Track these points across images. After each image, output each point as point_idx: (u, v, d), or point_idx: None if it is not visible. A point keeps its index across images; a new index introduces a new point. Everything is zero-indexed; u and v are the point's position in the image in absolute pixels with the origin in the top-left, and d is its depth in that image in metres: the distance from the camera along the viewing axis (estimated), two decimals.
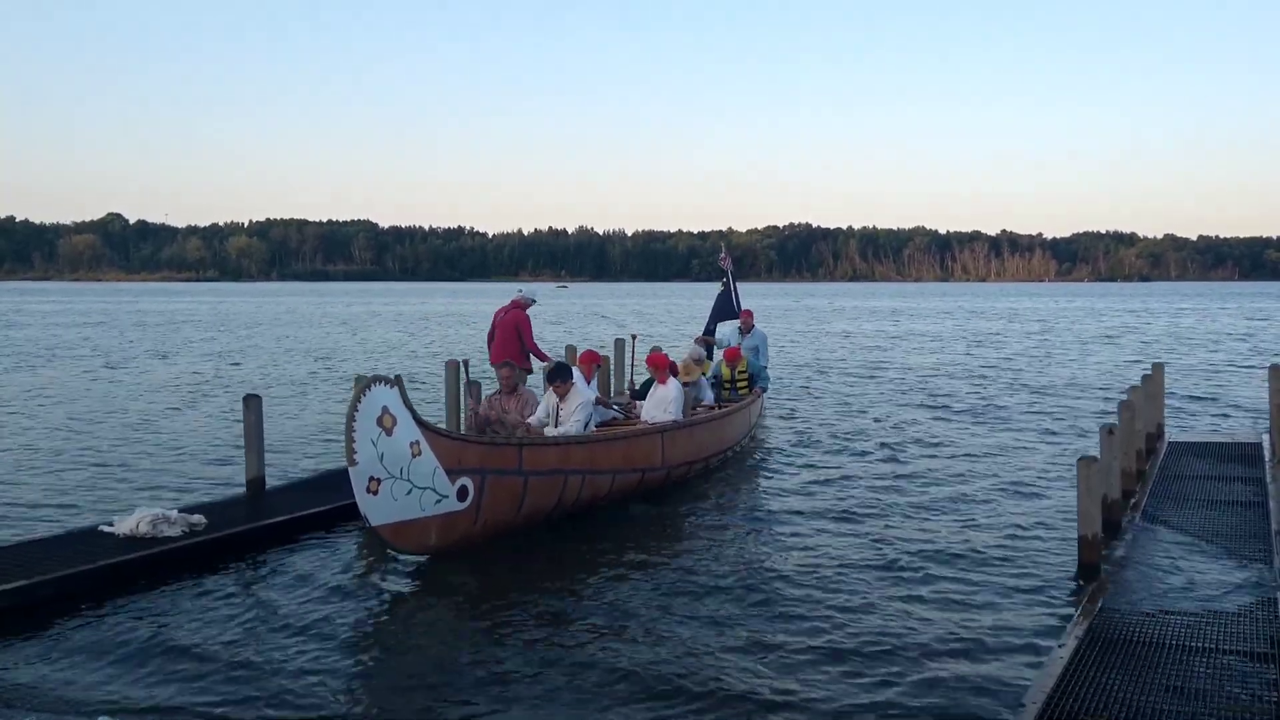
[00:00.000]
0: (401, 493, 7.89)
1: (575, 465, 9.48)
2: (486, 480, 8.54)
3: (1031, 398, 19.79)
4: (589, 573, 8.17)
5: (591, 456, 9.74)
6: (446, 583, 7.96)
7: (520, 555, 8.68)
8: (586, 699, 5.75)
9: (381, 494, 7.76)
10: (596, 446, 9.86)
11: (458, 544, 8.41)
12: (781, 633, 6.76)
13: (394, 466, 7.82)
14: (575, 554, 8.76)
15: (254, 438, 10.24)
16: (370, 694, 5.84)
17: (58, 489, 11.39)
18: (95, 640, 6.60)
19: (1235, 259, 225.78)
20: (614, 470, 10.03)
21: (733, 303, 16.94)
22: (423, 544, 8.21)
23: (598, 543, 9.07)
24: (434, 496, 8.13)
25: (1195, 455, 12.20)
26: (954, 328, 48.87)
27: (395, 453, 7.82)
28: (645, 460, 10.54)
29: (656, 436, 10.77)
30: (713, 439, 12.19)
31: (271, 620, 6.97)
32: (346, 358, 30.33)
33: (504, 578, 8.10)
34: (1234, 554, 8.21)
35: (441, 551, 8.34)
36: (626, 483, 10.25)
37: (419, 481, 8.01)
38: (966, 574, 8.06)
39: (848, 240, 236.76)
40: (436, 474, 8.13)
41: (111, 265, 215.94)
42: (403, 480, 7.88)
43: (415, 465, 7.96)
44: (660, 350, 12.69)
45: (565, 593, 7.67)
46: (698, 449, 11.70)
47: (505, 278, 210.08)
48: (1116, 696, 5.41)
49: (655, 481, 10.75)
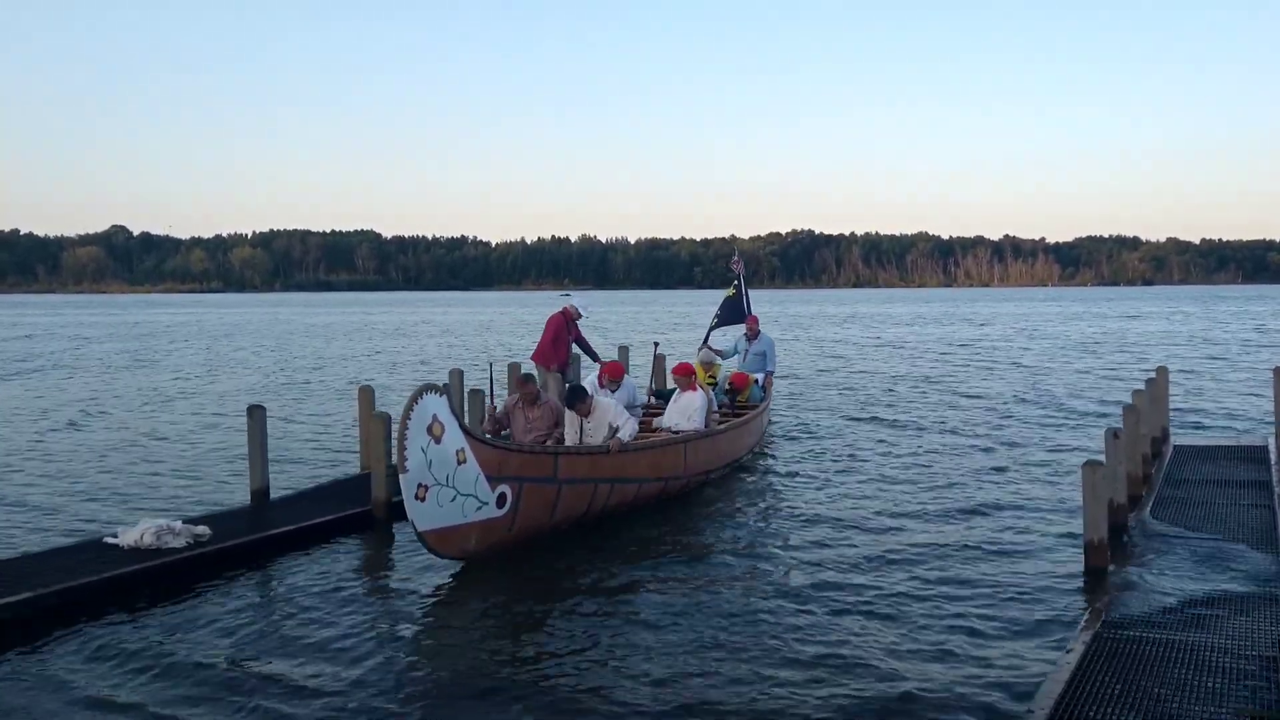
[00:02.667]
0: (446, 499, 8.10)
1: (605, 474, 9.74)
2: (524, 487, 8.74)
3: (1036, 402, 19.75)
4: (595, 571, 8.19)
5: (621, 465, 9.97)
6: (453, 593, 7.96)
7: (534, 554, 8.69)
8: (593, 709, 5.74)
9: (428, 500, 7.98)
10: (626, 456, 10.07)
11: (493, 549, 8.58)
12: (788, 637, 6.75)
13: (440, 474, 8.04)
14: (585, 553, 8.80)
15: (258, 448, 10.26)
16: (376, 705, 5.82)
17: (62, 500, 11.40)
18: (99, 653, 6.59)
19: (1238, 262, 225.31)
20: (640, 479, 10.31)
21: (742, 307, 17.00)
22: (463, 549, 8.38)
23: (610, 553, 9.07)
24: (475, 503, 8.34)
25: (1201, 459, 12.16)
26: (957, 333, 48.82)
27: (442, 460, 8.03)
28: (670, 469, 10.83)
29: (681, 446, 11.05)
30: (730, 447, 12.50)
31: (277, 632, 6.96)
32: (349, 367, 30.34)
33: (512, 587, 8.09)
34: (1241, 556, 8.18)
35: (478, 557, 8.48)
36: (651, 490, 10.51)
37: (463, 489, 8.21)
38: (973, 579, 8.03)
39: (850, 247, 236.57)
40: (479, 481, 8.33)
41: (115, 277, 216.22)
42: (448, 488, 8.10)
43: (460, 473, 8.17)
44: (686, 361, 13.16)
45: (566, 597, 7.65)
46: (717, 457, 11.99)
47: (508, 286, 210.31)
48: (1125, 700, 5.38)
49: (676, 489, 10.98)
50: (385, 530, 9.66)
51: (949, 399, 20.53)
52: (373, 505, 9.85)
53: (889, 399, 20.65)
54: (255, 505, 10.14)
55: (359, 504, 9.96)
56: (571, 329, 13.39)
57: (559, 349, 13.14)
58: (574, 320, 13.43)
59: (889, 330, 52.19)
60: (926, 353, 35.17)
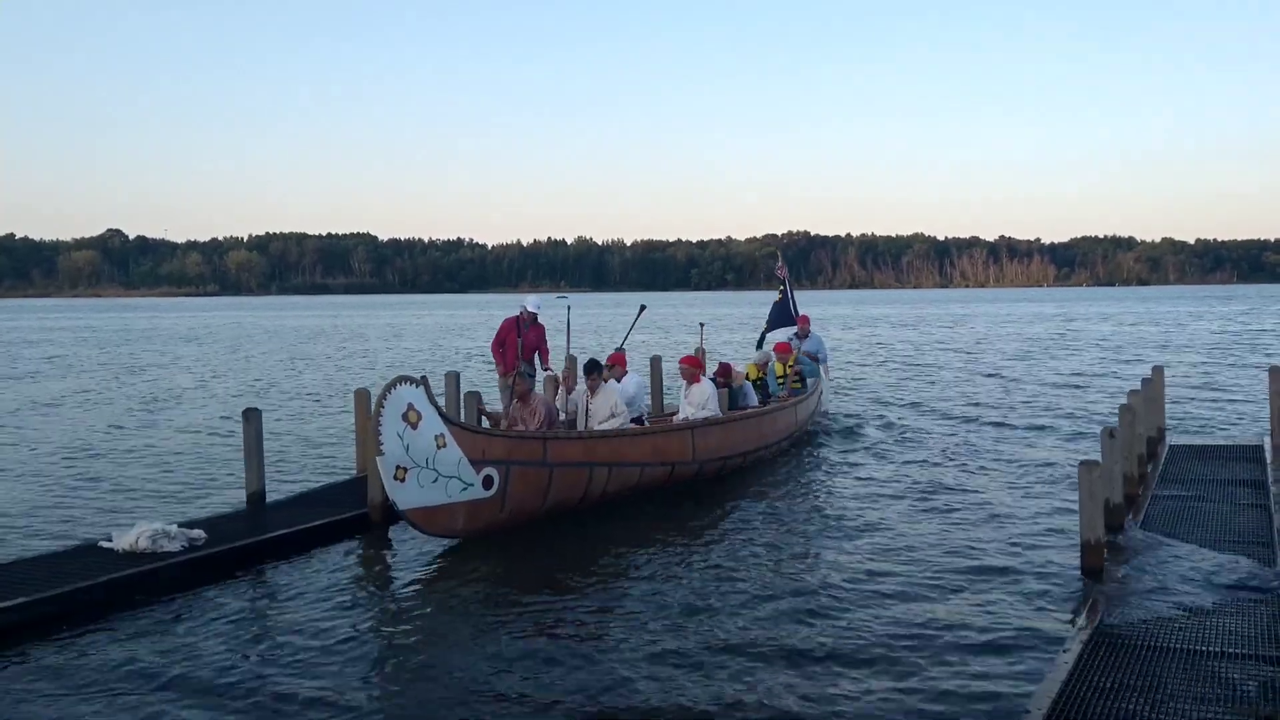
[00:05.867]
0: (428, 480, 8.53)
1: (601, 458, 9.92)
2: (512, 471, 9.05)
3: (1032, 402, 19.76)
4: (591, 572, 8.16)
5: (618, 450, 10.13)
6: (451, 596, 7.92)
7: (531, 557, 8.70)
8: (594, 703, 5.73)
9: (408, 481, 8.44)
10: (623, 440, 10.27)
11: (485, 530, 8.96)
12: (782, 636, 6.74)
13: (420, 457, 8.47)
14: (581, 555, 8.82)
15: (254, 451, 10.23)
16: (372, 710, 5.80)
17: (56, 504, 11.37)
18: (94, 658, 6.56)
19: (1233, 262, 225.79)
20: (642, 463, 10.43)
21: (789, 309, 17.61)
22: (451, 528, 8.80)
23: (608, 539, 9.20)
24: (460, 485, 8.73)
25: (1196, 458, 12.18)
26: (953, 334, 48.86)
27: (420, 445, 8.46)
28: (676, 454, 10.94)
29: (687, 432, 11.15)
30: (750, 436, 12.49)
31: (273, 635, 6.94)
32: (347, 370, 30.30)
33: (511, 590, 8.07)
34: (1237, 556, 8.18)
35: (470, 536, 8.91)
36: (655, 476, 10.62)
37: (445, 470, 8.62)
38: (969, 579, 8.03)
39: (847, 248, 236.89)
40: (461, 464, 8.72)
41: (111, 281, 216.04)
42: (428, 469, 8.52)
43: (440, 455, 8.58)
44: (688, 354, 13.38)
45: (562, 599, 7.63)
46: (733, 445, 11.98)
47: (505, 289, 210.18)
48: (1121, 700, 5.38)
49: (686, 475, 11.06)
50: (382, 533, 9.64)
51: (946, 399, 20.53)
52: (369, 508, 9.83)
53: (884, 398, 20.64)
54: (251, 508, 10.12)
55: (355, 507, 9.94)
56: (527, 331, 13.15)
57: (508, 352, 12.99)
58: (529, 323, 13.19)
59: (886, 331, 52.20)
60: (922, 354, 35.20)
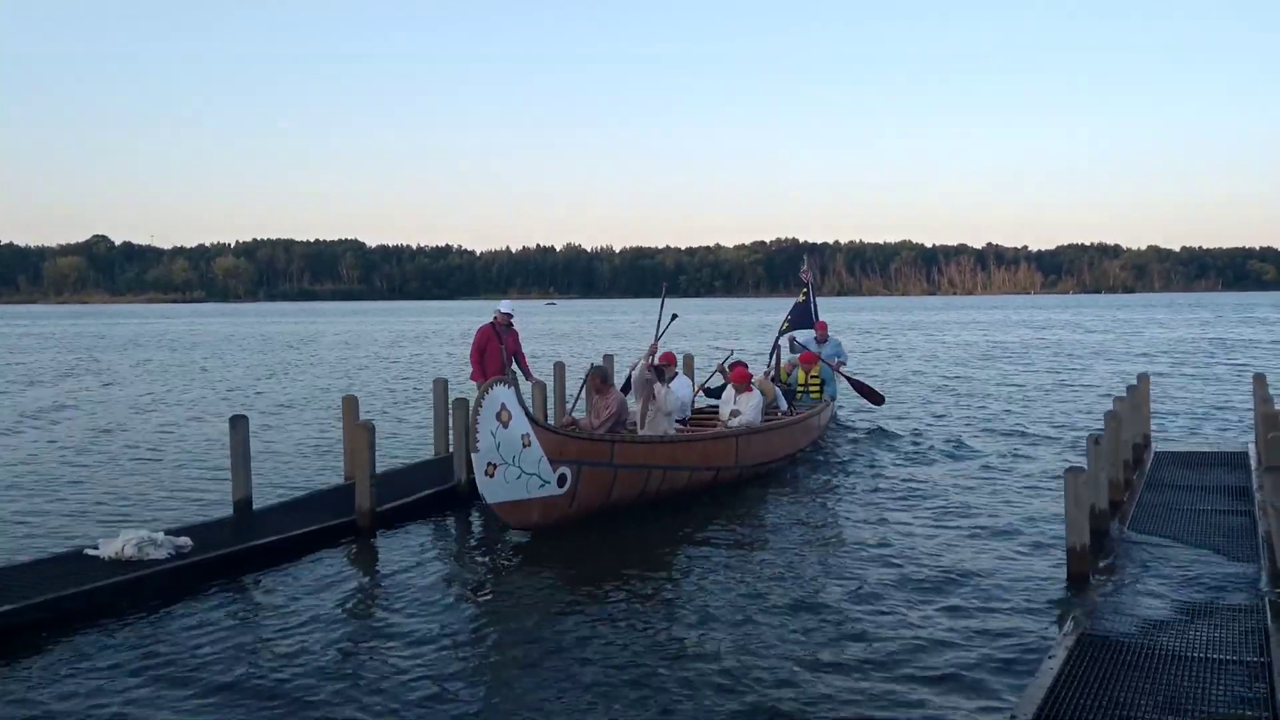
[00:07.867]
0: (513, 477, 9.27)
1: (659, 461, 10.70)
2: (582, 470, 9.76)
3: (1019, 410, 19.84)
4: (591, 578, 8.20)
5: (674, 454, 10.97)
6: (440, 601, 7.89)
7: (529, 561, 8.67)
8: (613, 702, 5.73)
9: (497, 477, 9.20)
10: (678, 445, 11.16)
11: (555, 524, 9.61)
12: (769, 640, 6.75)
13: (508, 454, 9.22)
14: (581, 559, 9.03)
15: (241, 458, 10.18)
16: (362, 716, 5.79)
17: (41, 512, 11.30)
18: (79, 666, 6.53)
19: (1219, 270, 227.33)
20: (692, 467, 11.22)
21: (811, 313, 17.96)
22: (527, 522, 9.54)
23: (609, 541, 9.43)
24: (539, 481, 9.43)
25: (1182, 464, 12.25)
26: (933, 341, 49.03)
27: (509, 442, 9.22)
28: (721, 459, 11.73)
29: (732, 439, 11.95)
30: (783, 443, 13.34)
31: (260, 642, 6.91)
32: (334, 377, 30.21)
33: (510, 587, 8.07)
34: (1222, 562, 8.24)
35: (542, 529, 9.58)
36: (703, 478, 11.40)
37: (527, 468, 9.34)
38: (955, 586, 8.06)
39: (835, 255, 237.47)
40: (542, 462, 9.43)
41: (97, 288, 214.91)
42: (514, 466, 9.26)
43: (525, 454, 9.30)
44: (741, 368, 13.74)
45: (562, 603, 7.64)
46: (770, 451, 12.84)
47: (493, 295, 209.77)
48: (1107, 706, 5.41)
49: (729, 478, 11.85)
50: (369, 540, 9.62)
51: (934, 406, 20.60)
52: (357, 515, 9.81)
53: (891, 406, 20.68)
54: (238, 516, 10.06)
55: (343, 514, 9.91)
56: (504, 337, 12.87)
57: (489, 360, 12.66)
58: (504, 328, 12.91)
59: (881, 340, 52.35)
60: (913, 358, 35.31)
